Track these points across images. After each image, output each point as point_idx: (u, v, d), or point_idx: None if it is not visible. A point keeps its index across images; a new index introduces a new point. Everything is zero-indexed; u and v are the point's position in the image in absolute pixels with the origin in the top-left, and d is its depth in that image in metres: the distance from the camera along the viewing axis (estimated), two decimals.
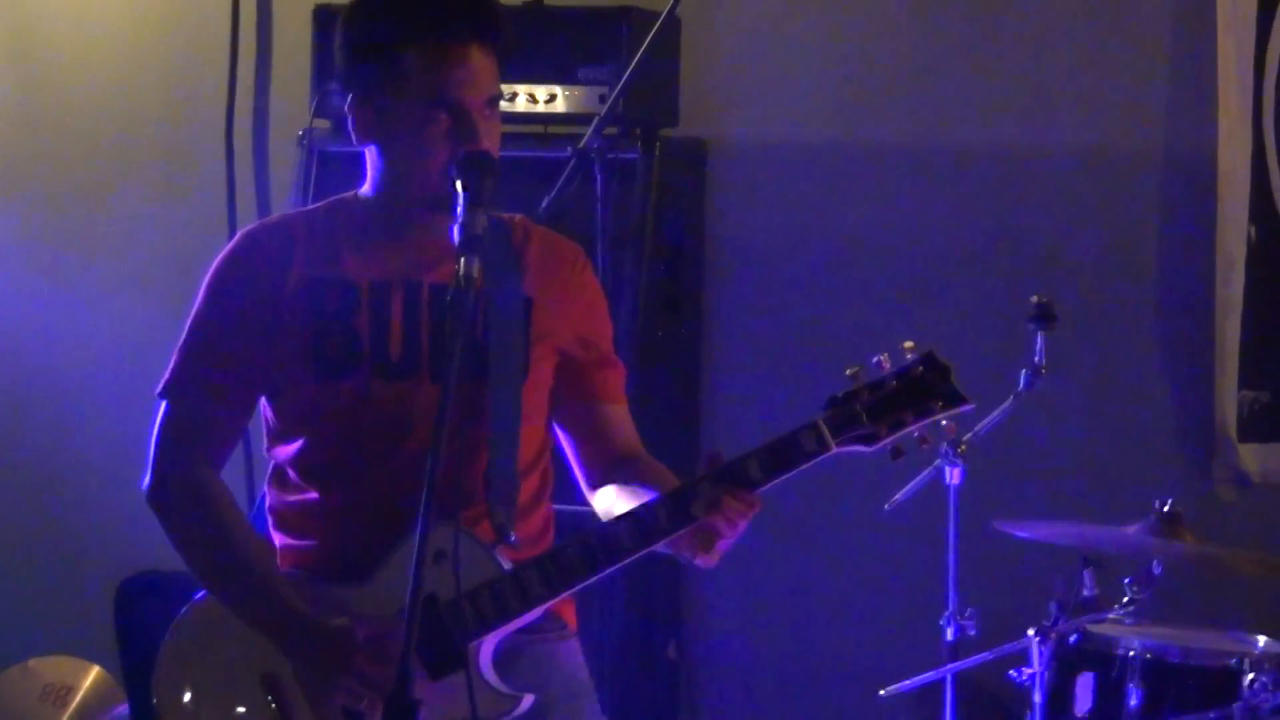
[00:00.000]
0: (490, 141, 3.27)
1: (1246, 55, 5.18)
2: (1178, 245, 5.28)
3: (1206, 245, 5.20)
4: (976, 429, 4.41)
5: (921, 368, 3.19)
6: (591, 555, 3.19)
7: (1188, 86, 5.27)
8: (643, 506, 3.19)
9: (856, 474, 3.34)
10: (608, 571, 3.20)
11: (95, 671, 5.39)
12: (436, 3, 3.28)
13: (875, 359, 3.19)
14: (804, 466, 3.16)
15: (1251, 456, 5.20)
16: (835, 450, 3.16)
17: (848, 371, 3.18)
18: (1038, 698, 4.22)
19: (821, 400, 3.20)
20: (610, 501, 3.34)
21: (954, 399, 3.19)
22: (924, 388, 3.18)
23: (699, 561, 3.20)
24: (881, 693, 4.44)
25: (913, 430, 3.19)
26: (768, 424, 3.23)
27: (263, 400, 3.43)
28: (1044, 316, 4.40)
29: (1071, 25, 5.36)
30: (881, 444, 3.18)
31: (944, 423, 3.22)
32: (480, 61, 3.26)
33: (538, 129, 5.22)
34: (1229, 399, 5.18)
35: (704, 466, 3.18)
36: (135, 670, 4.89)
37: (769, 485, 3.16)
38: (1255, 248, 5.19)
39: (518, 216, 3.46)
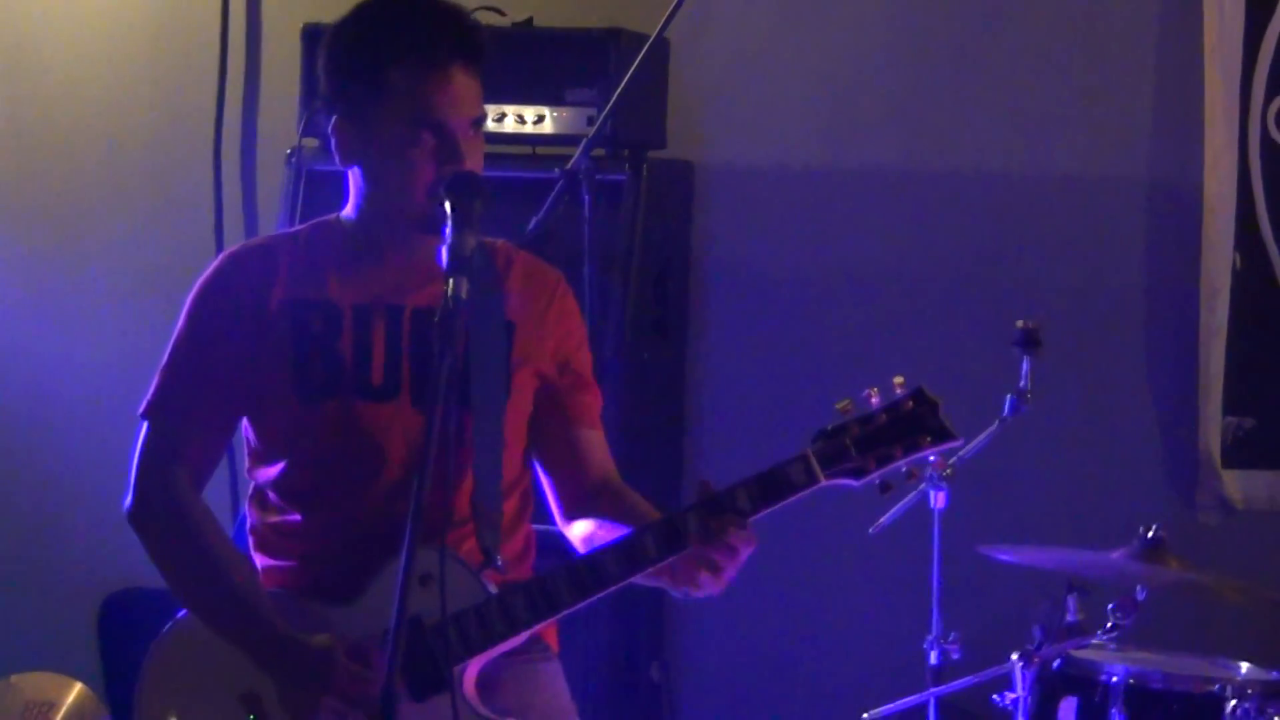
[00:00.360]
0: (473, 162, 3.27)
1: (1233, 82, 5.20)
2: (1163, 272, 5.30)
3: (1191, 272, 5.21)
4: (962, 453, 4.41)
5: (911, 402, 3.20)
6: (579, 582, 3.19)
7: (1174, 113, 5.28)
8: (632, 534, 3.19)
9: (841, 497, 3.34)
10: (594, 599, 3.20)
11: (78, 688, 5.37)
12: (421, 24, 3.28)
13: (864, 392, 3.20)
14: (792, 498, 3.17)
15: (1235, 483, 5.21)
16: (824, 483, 3.17)
17: (837, 405, 3.19)
18: None
19: (808, 423, 3.22)
20: (587, 533, 3.34)
21: (942, 434, 3.20)
22: (913, 422, 3.19)
23: (700, 594, 3.19)
24: (865, 716, 4.44)
25: (901, 465, 3.20)
26: (754, 447, 3.26)
27: (244, 422, 3.42)
28: (1029, 342, 4.42)
29: (1058, 52, 5.37)
30: (869, 477, 3.19)
31: (932, 458, 3.23)
32: (464, 82, 3.27)
33: (525, 150, 5.23)
34: (1213, 425, 5.19)
35: (695, 495, 3.18)
36: (118, 687, 4.89)
37: (757, 516, 3.16)
38: (1240, 275, 5.20)
39: (500, 241, 3.47)
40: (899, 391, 3.21)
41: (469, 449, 3.28)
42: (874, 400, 3.19)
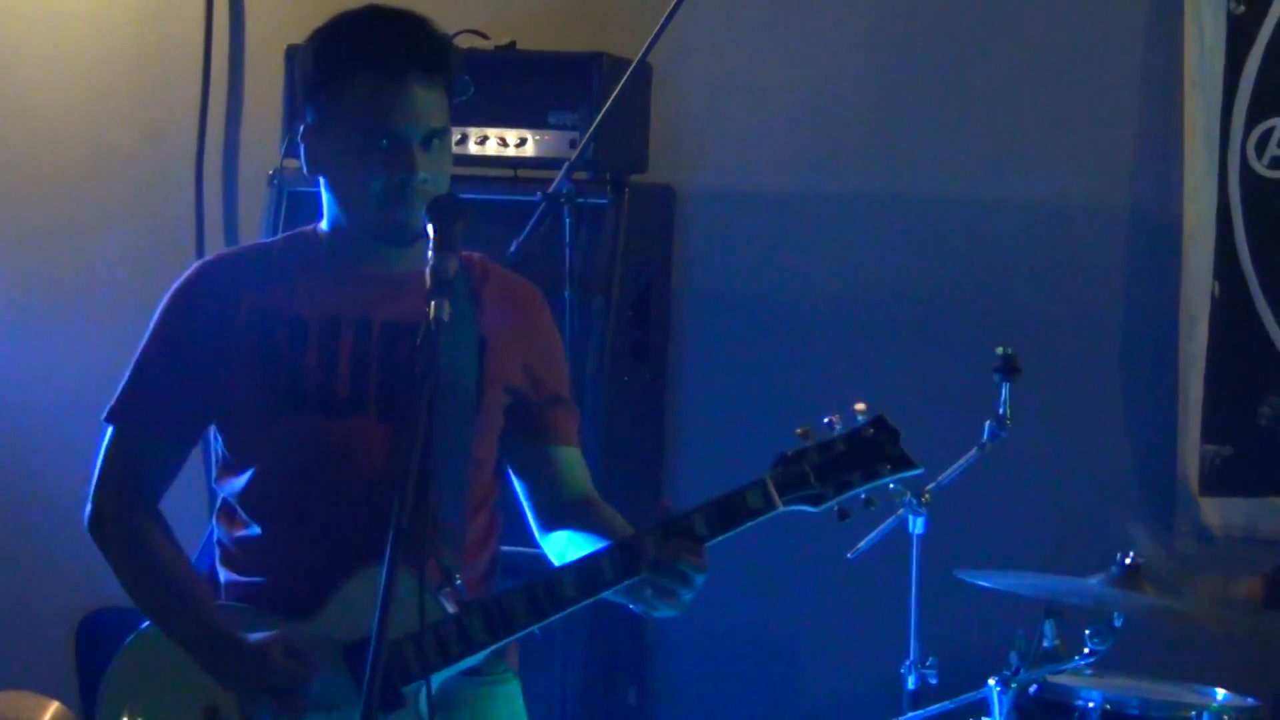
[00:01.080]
0: (430, 172, 3.27)
1: (1213, 112, 5.22)
2: (1142, 300, 5.31)
3: (1170, 300, 5.23)
4: (940, 479, 4.43)
5: (871, 430, 3.20)
6: (536, 603, 3.19)
7: (1154, 143, 5.29)
8: (589, 557, 3.19)
9: (820, 522, 3.35)
10: (551, 620, 3.20)
11: (55, 707, 5.36)
12: (381, 35, 3.30)
13: (826, 419, 3.21)
14: (750, 524, 3.18)
15: (1213, 510, 5.20)
16: (781, 509, 3.18)
17: (798, 431, 3.20)
18: None
19: (787, 448, 3.22)
20: (561, 546, 3.34)
21: (902, 463, 3.20)
22: (872, 450, 3.19)
23: (657, 613, 3.20)
24: None
25: (859, 492, 3.20)
26: (732, 471, 3.24)
27: (214, 432, 3.43)
28: (1009, 368, 4.43)
29: (1039, 80, 5.39)
30: (827, 504, 3.19)
31: (891, 486, 3.23)
32: (422, 94, 3.28)
33: (508, 172, 5.24)
34: (1191, 453, 5.20)
35: (654, 518, 3.19)
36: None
37: (715, 540, 3.16)
38: (1218, 303, 5.21)
39: (476, 255, 3.46)
40: (860, 418, 3.21)
41: (436, 466, 3.26)
42: (835, 426, 3.20)
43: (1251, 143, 5.23)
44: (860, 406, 3.22)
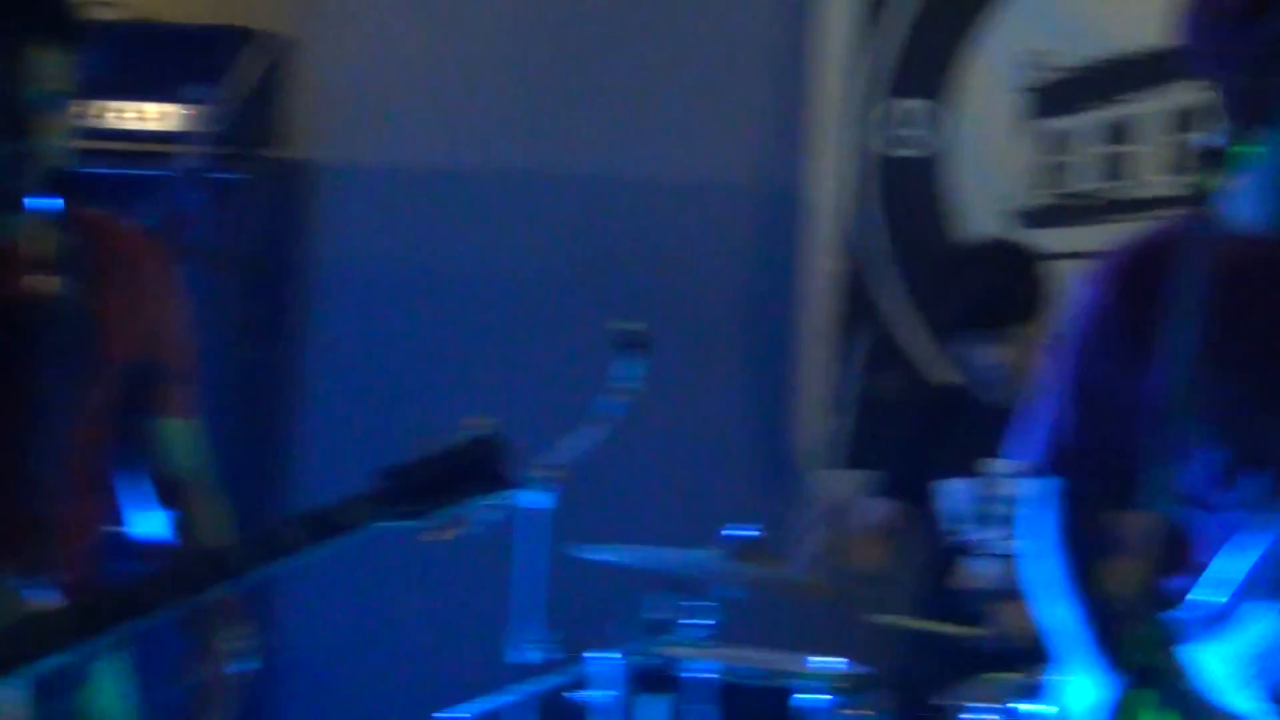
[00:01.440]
0: (45, 140, 3.13)
1: (839, 91, 5.33)
2: (766, 275, 5.41)
3: (794, 276, 5.36)
4: (561, 453, 4.44)
5: (477, 447, 3.15)
6: (118, 608, 3.13)
7: (781, 120, 5.40)
8: (165, 569, 3.19)
9: None
10: (143, 624, 3.14)
11: None
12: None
13: (438, 433, 3.19)
14: (346, 538, 3.13)
15: (830, 482, 5.32)
16: (379, 524, 3.13)
17: (412, 442, 3.19)
18: None
19: (421, 427, 3.19)
20: (147, 531, 3.32)
21: (502, 482, 3.17)
22: (476, 467, 3.15)
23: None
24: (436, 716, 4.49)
25: (459, 510, 3.17)
26: (362, 452, 3.21)
27: None
28: (630, 343, 4.45)
29: (671, 58, 5.47)
30: (428, 520, 3.16)
31: (491, 504, 3.25)
32: (40, 57, 3.17)
33: (139, 147, 5.17)
34: (810, 427, 5.34)
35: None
36: None
37: (311, 555, 3.12)
38: (840, 280, 5.35)
39: (95, 213, 3.31)
40: (469, 434, 3.15)
41: (36, 448, 3.18)
42: (446, 441, 3.14)
43: (881, 121, 5.36)
44: (474, 420, 3.19)
